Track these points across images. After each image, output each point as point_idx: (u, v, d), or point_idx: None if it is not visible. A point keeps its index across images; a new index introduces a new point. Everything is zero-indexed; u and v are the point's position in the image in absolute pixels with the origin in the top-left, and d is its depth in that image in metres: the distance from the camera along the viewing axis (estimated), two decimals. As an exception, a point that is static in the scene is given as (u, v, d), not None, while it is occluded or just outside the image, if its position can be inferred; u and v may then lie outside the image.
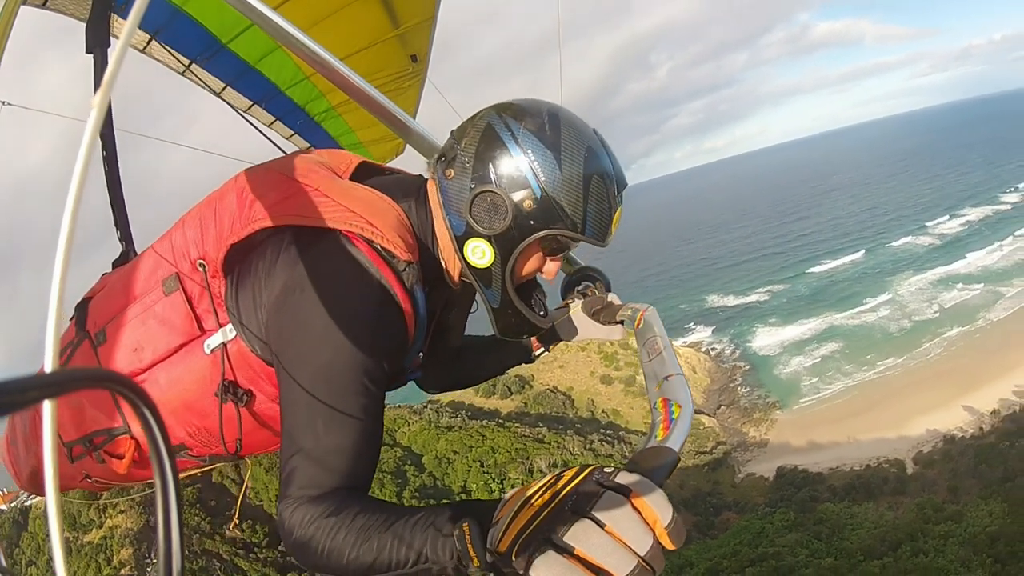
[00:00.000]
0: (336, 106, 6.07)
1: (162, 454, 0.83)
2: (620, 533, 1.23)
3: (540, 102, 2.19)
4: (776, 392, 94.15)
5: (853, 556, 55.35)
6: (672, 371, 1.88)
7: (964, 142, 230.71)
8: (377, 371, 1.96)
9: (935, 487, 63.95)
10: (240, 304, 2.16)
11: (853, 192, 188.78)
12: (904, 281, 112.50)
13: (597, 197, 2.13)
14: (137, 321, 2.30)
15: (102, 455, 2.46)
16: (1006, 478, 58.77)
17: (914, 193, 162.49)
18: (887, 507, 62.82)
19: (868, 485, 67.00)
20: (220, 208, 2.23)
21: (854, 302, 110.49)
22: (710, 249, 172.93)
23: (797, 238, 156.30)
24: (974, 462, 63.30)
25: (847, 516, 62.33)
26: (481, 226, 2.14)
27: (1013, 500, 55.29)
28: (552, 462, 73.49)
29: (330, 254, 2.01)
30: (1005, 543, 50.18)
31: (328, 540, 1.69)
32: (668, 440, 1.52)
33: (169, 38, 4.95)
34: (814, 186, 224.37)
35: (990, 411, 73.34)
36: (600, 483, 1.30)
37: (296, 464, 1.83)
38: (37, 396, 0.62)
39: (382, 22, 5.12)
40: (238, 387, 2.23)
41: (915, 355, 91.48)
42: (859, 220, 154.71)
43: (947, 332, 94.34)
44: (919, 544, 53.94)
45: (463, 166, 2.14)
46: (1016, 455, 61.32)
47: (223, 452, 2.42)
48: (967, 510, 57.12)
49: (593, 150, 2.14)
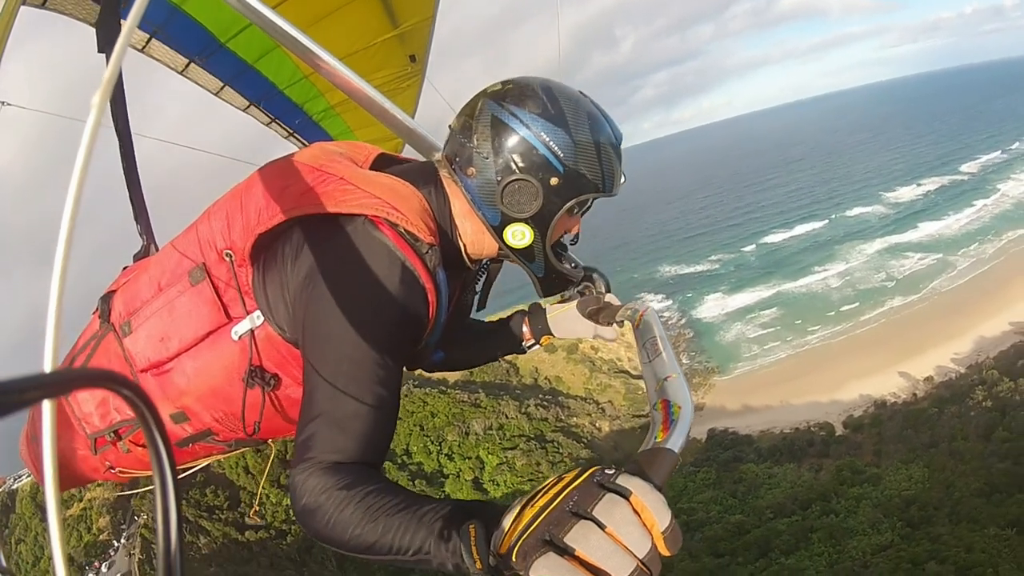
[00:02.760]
0: (335, 105, 6.05)
1: (160, 453, 0.84)
2: (620, 535, 1.23)
3: (528, 80, 2.26)
4: (717, 358, 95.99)
5: (763, 514, 57.22)
6: (672, 372, 1.87)
7: (932, 112, 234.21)
8: (399, 349, 2.01)
9: (860, 450, 65.28)
10: (268, 290, 2.18)
11: (814, 162, 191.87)
12: (854, 250, 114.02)
13: (607, 155, 2.24)
14: (164, 311, 2.34)
15: (127, 444, 2.54)
16: (931, 443, 60.44)
17: (875, 163, 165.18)
18: (808, 469, 64.41)
19: (793, 447, 68.56)
20: (246, 199, 2.26)
21: (802, 271, 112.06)
22: (669, 220, 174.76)
23: (755, 208, 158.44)
24: (901, 427, 64.72)
25: (766, 476, 64.30)
26: (516, 212, 2.24)
27: (934, 465, 56.82)
28: (487, 425, 78.55)
29: (356, 237, 2.04)
30: (919, 507, 51.66)
31: (336, 512, 1.70)
32: (668, 441, 1.52)
33: (168, 37, 4.87)
34: (777, 157, 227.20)
35: (924, 377, 74.87)
36: (601, 484, 1.31)
37: (316, 429, 1.85)
38: (37, 396, 0.63)
39: (381, 22, 5.09)
40: (265, 372, 2.26)
41: (858, 323, 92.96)
42: (817, 191, 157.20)
43: (891, 301, 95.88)
44: (831, 505, 55.55)
45: (483, 162, 2.20)
46: (945, 421, 62.93)
47: (244, 436, 2.48)
48: (887, 474, 58.56)
49: (592, 114, 2.23)
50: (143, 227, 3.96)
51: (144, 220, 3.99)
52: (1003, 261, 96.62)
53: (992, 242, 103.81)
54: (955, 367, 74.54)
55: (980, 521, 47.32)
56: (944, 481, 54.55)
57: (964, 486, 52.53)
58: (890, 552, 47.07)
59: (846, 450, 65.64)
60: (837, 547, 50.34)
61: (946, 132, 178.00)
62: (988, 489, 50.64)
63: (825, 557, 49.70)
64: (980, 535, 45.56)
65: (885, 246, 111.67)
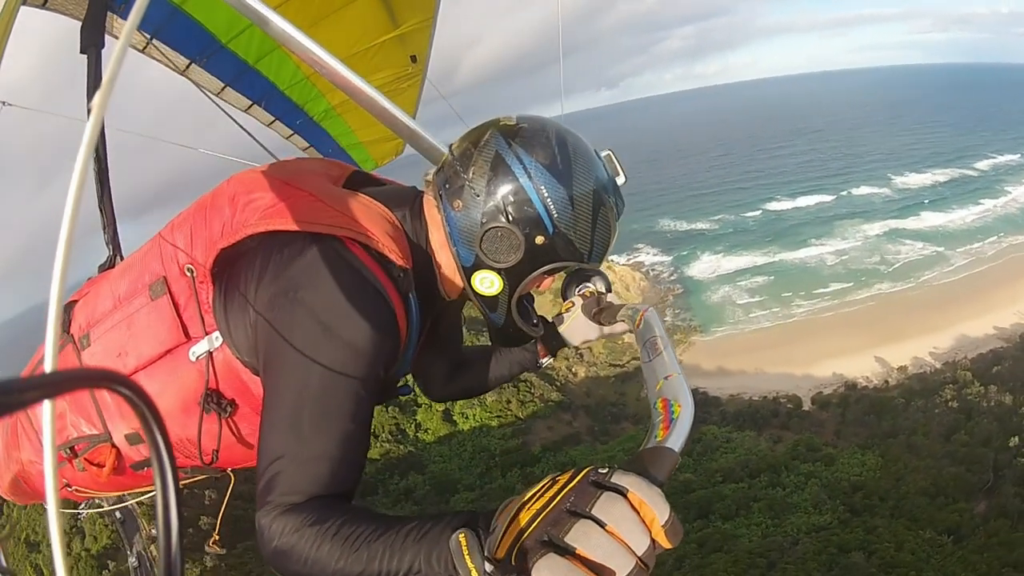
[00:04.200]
0: (335, 106, 6.05)
1: (162, 455, 0.85)
2: (620, 533, 1.20)
3: (546, 125, 2.13)
4: (700, 317, 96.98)
5: (713, 476, 57.92)
6: (672, 371, 1.76)
7: (954, 104, 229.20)
8: (369, 377, 1.91)
9: (822, 429, 65.82)
10: (228, 310, 2.09)
11: (832, 136, 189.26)
12: (854, 229, 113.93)
13: (604, 227, 2.15)
14: (122, 326, 2.27)
15: (83, 463, 2.39)
16: (890, 433, 60.97)
17: (890, 145, 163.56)
18: (767, 439, 65.13)
19: (757, 416, 69.42)
20: (211, 212, 2.19)
21: (800, 243, 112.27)
22: (678, 175, 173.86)
23: (765, 174, 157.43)
24: (866, 411, 65.39)
25: (724, 440, 65.23)
26: (491, 259, 2.13)
27: (889, 456, 57.44)
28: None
29: (325, 258, 1.94)
30: (864, 495, 52.34)
31: (311, 550, 1.64)
32: (668, 440, 1.44)
33: (168, 38, 4.94)
34: (796, 125, 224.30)
35: (899, 366, 75.32)
36: (598, 483, 1.28)
37: (278, 469, 1.76)
38: (36, 396, 0.63)
39: (382, 22, 5.15)
40: (222, 397, 2.17)
41: (844, 302, 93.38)
42: (831, 164, 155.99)
43: (880, 285, 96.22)
44: (779, 478, 56.17)
45: (473, 199, 2.09)
46: (909, 414, 63.69)
47: (200, 464, 2.37)
48: (841, 455, 59.19)
49: (602, 181, 2.13)
50: (110, 237, 3.94)
51: (112, 230, 3.97)
52: (1000, 264, 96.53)
53: (992, 243, 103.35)
54: (932, 361, 75.19)
55: (919, 521, 47.71)
56: (895, 473, 54.95)
57: (912, 482, 52.83)
58: (823, 534, 47.21)
59: (808, 426, 66.26)
60: (776, 520, 50.81)
61: (966, 126, 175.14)
62: (934, 490, 51.06)
63: (761, 528, 50.08)
64: (914, 535, 45.98)
65: (885, 230, 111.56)
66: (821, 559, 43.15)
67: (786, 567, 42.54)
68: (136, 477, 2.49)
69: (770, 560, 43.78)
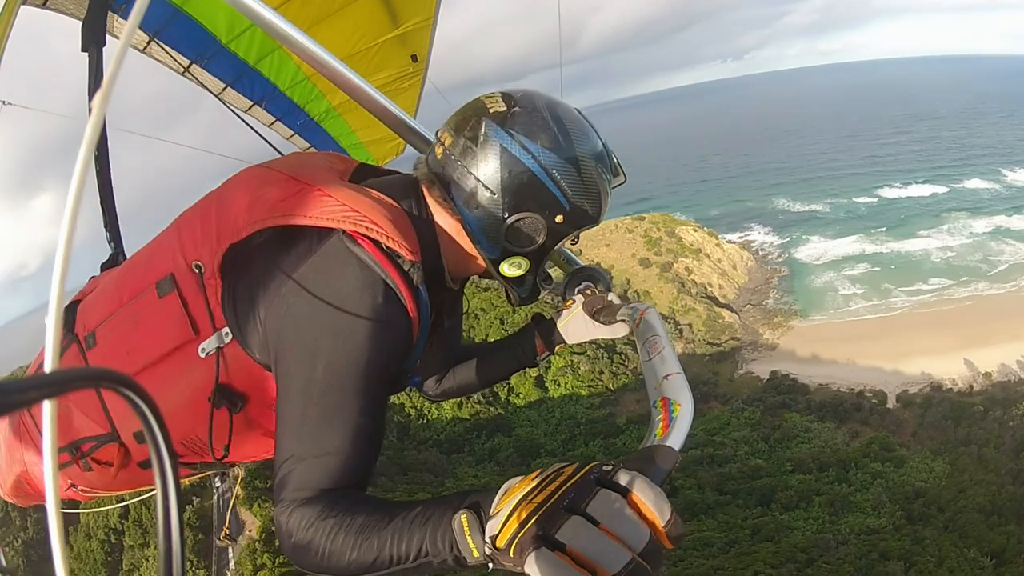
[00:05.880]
0: (336, 106, 6.08)
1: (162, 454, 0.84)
2: (615, 530, 1.23)
3: (535, 101, 2.16)
4: (802, 301, 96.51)
5: (783, 465, 58.01)
6: (672, 370, 1.88)
7: None
8: (380, 371, 1.93)
9: (900, 428, 64.70)
10: (238, 306, 2.08)
11: (954, 123, 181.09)
12: (960, 224, 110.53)
13: (606, 189, 2.24)
14: (130, 324, 2.24)
15: (89, 463, 2.37)
16: (964, 441, 59.48)
17: (1006, 138, 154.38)
18: (846, 433, 64.47)
19: (839, 408, 68.36)
20: (219, 208, 2.17)
21: (907, 234, 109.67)
22: (797, 153, 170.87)
23: (882, 159, 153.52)
24: (945, 415, 64.08)
25: (803, 429, 64.73)
26: (516, 247, 2.20)
27: (957, 465, 55.94)
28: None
29: (334, 253, 1.96)
30: (924, 503, 51.04)
31: (328, 542, 1.67)
32: (667, 439, 1.54)
33: (169, 38, 4.91)
34: (917, 109, 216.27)
35: (985, 372, 73.35)
36: (598, 480, 1.32)
37: (293, 467, 1.79)
38: (38, 396, 0.63)
39: (382, 22, 5.11)
40: (233, 392, 2.16)
41: (942, 299, 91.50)
42: (950, 154, 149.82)
43: (979, 284, 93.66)
44: (847, 474, 55.72)
45: (490, 199, 2.12)
46: (986, 423, 62.03)
47: (211, 459, 2.38)
48: (912, 458, 58.16)
49: (597, 147, 2.20)
50: (112, 235, 3.91)
51: (114, 228, 3.95)
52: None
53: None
54: (1017, 370, 72.87)
55: (968, 538, 45.68)
56: (959, 484, 52.80)
57: (972, 496, 50.85)
58: (872, 538, 45.84)
59: (888, 423, 65.43)
60: (833, 516, 50.20)
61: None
62: (990, 508, 48.98)
63: (818, 523, 49.57)
64: (957, 552, 43.99)
65: (991, 228, 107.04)
66: (859, 564, 42.10)
67: (822, 567, 41.89)
68: (144, 475, 2.41)
69: (810, 557, 43.39)
